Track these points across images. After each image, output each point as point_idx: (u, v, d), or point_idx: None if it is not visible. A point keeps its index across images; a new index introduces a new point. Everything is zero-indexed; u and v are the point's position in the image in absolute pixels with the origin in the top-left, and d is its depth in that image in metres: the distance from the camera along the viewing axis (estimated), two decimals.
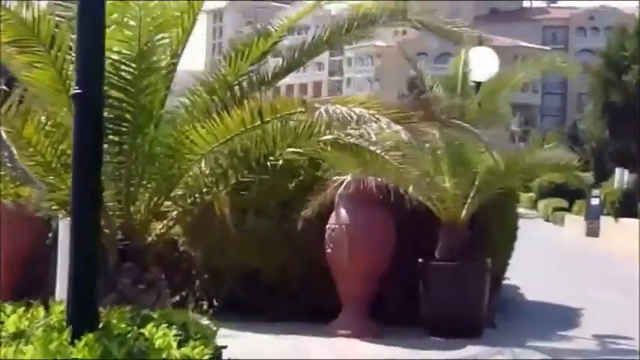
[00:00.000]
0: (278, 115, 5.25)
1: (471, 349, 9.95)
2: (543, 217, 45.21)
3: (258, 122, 5.24)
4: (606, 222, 31.70)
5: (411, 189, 9.66)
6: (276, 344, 10.23)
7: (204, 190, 5.73)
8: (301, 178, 11.15)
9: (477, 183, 10.77)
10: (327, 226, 10.71)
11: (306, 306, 11.21)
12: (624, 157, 37.15)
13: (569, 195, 43.30)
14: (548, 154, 10.68)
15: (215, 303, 12.06)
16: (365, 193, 10.25)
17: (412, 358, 9.60)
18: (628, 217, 27.08)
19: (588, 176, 39.04)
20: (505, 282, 15.68)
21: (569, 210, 41.91)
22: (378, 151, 5.67)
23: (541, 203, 47.49)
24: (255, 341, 10.36)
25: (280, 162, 5.97)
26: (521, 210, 49.81)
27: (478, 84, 11.01)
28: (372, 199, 10.42)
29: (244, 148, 5.61)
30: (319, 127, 5.36)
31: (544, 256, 23.42)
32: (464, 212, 10.77)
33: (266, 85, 5.76)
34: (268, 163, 5.79)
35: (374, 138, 5.43)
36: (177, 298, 12.32)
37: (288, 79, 10.10)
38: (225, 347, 4.53)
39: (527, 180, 12.29)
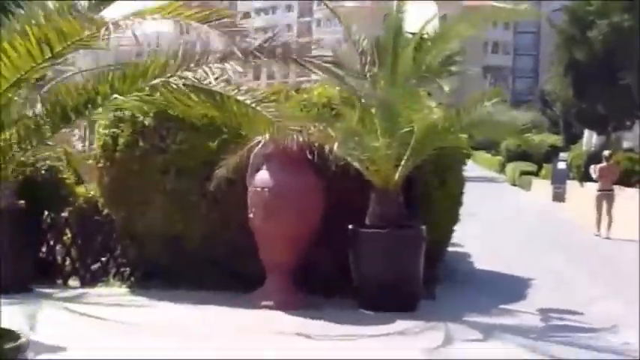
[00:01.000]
0: (70, 43, 4.20)
1: (400, 324, 9.08)
2: (510, 181, 44.43)
3: (49, 54, 4.19)
4: (572, 186, 30.92)
5: (335, 147, 8.84)
6: (187, 315, 9.37)
7: (15, 150, 4.65)
8: (224, 137, 10.17)
9: (412, 142, 9.82)
10: (249, 189, 9.78)
11: (233, 273, 10.42)
12: (591, 119, 35.86)
13: (537, 158, 42.49)
14: (489, 111, 9.67)
15: (137, 269, 11.22)
16: (286, 153, 9.33)
17: (332, 333, 8.72)
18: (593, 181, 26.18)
19: (557, 138, 38.21)
20: (456, 250, 14.90)
21: (537, 174, 41.06)
22: (248, 102, 4.68)
23: (509, 167, 46.64)
24: (167, 311, 9.55)
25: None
26: (488, 174, 49.23)
27: (414, 36, 9.96)
28: (295, 159, 9.52)
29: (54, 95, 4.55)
30: (153, 68, 4.35)
31: (504, 223, 22.68)
32: (397, 175, 9.83)
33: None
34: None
35: (212, 80, 4.42)
36: (98, 264, 11.42)
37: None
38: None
39: (471, 139, 11.18)
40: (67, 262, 11.33)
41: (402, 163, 9.83)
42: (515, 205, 30.30)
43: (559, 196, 31.91)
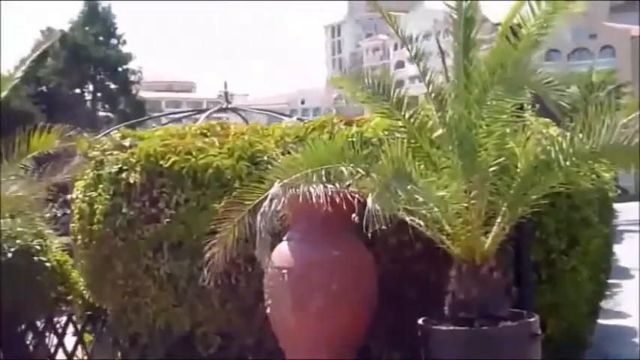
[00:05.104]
0: None
1: None
2: None
3: None
4: None
5: (369, 202, 5.62)
6: None
7: None
8: (235, 194, 6.97)
9: (513, 186, 6.39)
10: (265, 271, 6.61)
11: None
12: None
13: None
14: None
15: None
16: (312, 213, 6.10)
17: None
18: None
19: None
20: (616, 323, 11.02)
21: None
22: None
23: None
24: None
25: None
26: None
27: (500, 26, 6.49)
28: (329, 222, 6.28)
29: None
30: None
31: None
32: (489, 239, 6.38)
33: None
34: None
35: None
36: None
37: (413, 90, 6.76)
38: None
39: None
40: None
41: (497, 220, 6.38)
42: None
43: None
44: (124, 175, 7.45)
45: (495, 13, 6.94)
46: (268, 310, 6.59)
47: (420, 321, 6.48)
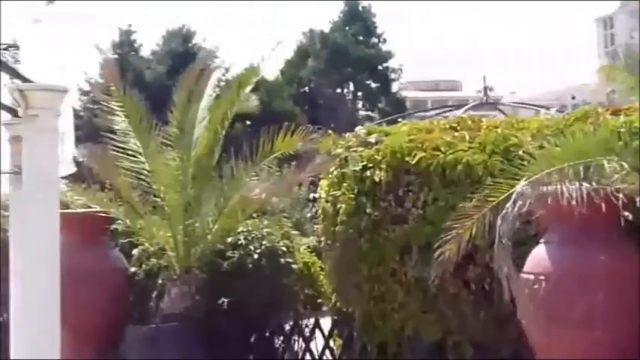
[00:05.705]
0: None
1: None
2: None
3: None
4: None
5: None
6: None
7: None
8: (487, 192, 6.36)
9: None
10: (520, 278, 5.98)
11: None
12: None
13: None
14: None
15: None
16: (570, 212, 5.43)
17: None
18: None
19: None
20: None
21: None
22: None
23: None
24: None
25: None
26: None
27: None
28: (593, 225, 5.58)
29: None
30: None
31: None
32: None
33: None
34: None
35: None
36: None
37: None
38: None
39: None
40: None
41: None
42: None
43: None
44: (368, 172, 7.07)
45: None
46: (523, 321, 5.96)
47: None
